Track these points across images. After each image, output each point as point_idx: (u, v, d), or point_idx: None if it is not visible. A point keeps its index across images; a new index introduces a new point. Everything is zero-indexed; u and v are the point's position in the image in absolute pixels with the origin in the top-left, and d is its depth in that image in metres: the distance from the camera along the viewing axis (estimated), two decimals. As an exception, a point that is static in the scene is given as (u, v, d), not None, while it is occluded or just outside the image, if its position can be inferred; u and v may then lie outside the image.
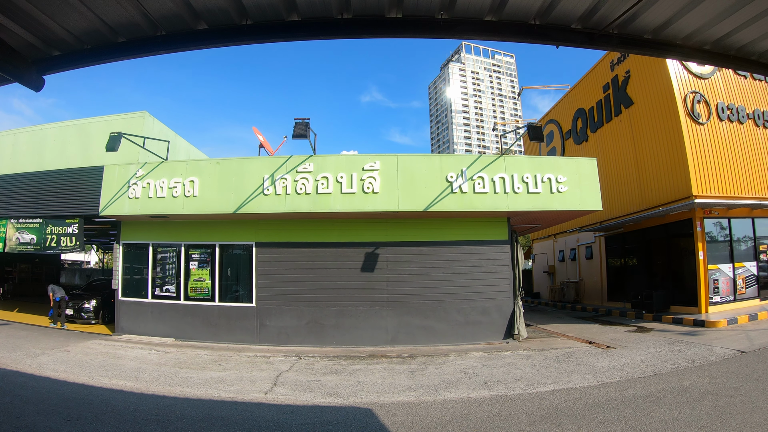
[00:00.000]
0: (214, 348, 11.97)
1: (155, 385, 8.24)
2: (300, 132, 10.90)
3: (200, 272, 13.39)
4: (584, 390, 7.46)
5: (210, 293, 13.18)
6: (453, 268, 12.65)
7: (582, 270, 24.00)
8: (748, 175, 17.15)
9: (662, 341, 11.49)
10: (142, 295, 13.75)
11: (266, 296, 12.76)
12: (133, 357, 10.64)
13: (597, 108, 22.41)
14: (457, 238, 12.83)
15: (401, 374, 9.03)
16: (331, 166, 11.98)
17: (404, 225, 12.89)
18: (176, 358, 10.70)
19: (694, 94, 16.98)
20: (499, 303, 12.65)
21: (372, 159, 11.99)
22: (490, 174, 12.02)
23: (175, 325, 13.22)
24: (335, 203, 11.74)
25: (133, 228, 14.08)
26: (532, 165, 12.25)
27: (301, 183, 11.91)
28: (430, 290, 12.53)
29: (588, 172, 12.50)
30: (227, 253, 13.42)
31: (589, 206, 12.30)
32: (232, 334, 12.77)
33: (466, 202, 11.83)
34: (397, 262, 12.62)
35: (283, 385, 8.27)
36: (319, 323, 12.44)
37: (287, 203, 11.88)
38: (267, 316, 12.67)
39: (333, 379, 8.76)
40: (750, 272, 16.70)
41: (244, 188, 12.18)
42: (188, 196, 12.39)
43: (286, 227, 13.02)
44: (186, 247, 13.59)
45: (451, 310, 12.49)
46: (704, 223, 15.89)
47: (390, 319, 12.39)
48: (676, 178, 16.59)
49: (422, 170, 11.99)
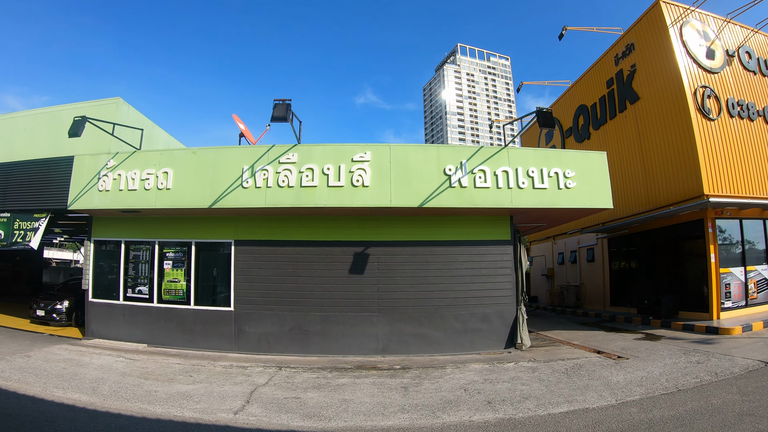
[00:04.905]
0: (188, 356, 10.96)
1: (113, 400, 7.25)
2: (280, 114, 9.86)
3: (175, 272, 12.34)
4: (603, 411, 6.47)
5: (185, 296, 12.13)
6: (450, 270, 11.60)
7: (583, 273, 23.11)
8: (760, 175, 16.44)
9: (677, 350, 10.63)
10: (114, 297, 12.70)
11: (245, 299, 11.70)
12: (97, 365, 9.65)
13: (600, 104, 21.55)
14: (455, 237, 11.79)
15: (393, 390, 7.99)
16: (317, 157, 10.91)
17: (397, 222, 11.83)
18: (144, 367, 9.69)
19: (704, 89, 16.17)
20: (500, 309, 11.61)
21: (362, 149, 10.90)
22: (492, 167, 10.98)
23: (148, 329, 12.17)
24: (321, 197, 10.66)
25: (105, 224, 13.02)
26: (537, 158, 11.23)
27: (284, 175, 10.84)
28: (425, 294, 11.46)
29: (597, 167, 11.51)
30: (204, 252, 12.35)
31: (599, 204, 11.30)
32: (209, 340, 11.71)
33: (466, 198, 10.78)
34: (389, 264, 11.55)
35: (257, 404, 7.24)
36: (303, 330, 11.36)
37: (268, 197, 10.80)
38: (246, 322, 11.61)
39: (315, 396, 7.71)
40: (762, 276, 15.91)
41: (221, 180, 11.12)
42: (161, 189, 11.34)
43: (268, 224, 11.96)
44: (160, 245, 12.55)
45: (449, 316, 11.43)
46: (716, 224, 15.00)
47: (381, 326, 11.32)
48: (686, 176, 15.71)
49: (417, 162, 10.93)
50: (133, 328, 12.29)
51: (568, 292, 22.94)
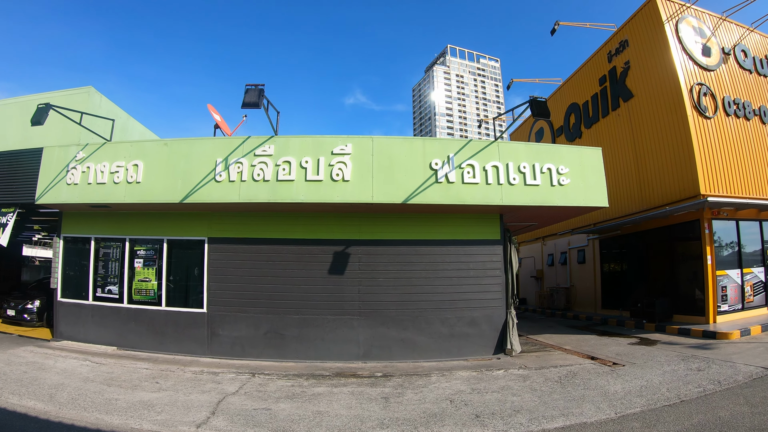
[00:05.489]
0: (158, 360, 10.26)
1: (69, 408, 6.64)
2: (251, 100, 9.15)
3: (146, 271, 11.62)
4: (603, 426, 5.88)
5: (156, 296, 11.42)
6: (436, 271, 10.93)
7: (573, 275, 22.57)
8: (756, 175, 16.08)
9: (674, 356, 10.10)
10: (83, 297, 11.97)
11: (219, 301, 10.97)
12: (60, 369, 9.00)
13: (592, 102, 21.07)
14: (441, 236, 11.12)
15: (372, 401, 7.33)
16: (294, 149, 10.22)
17: (380, 220, 11.15)
18: (109, 372, 9.00)
19: (700, 86, 15.75)
20: (489, 312, 10.96)
21: (343, 141, 10.21)
22: (482, 162, 10.33)
23: (118, 331, 11.44)
24: (298, 192, 9.96)
25: (75, 219, 12.29)
26: (529, 153, 10.61)
27: (259, 168, 10.14)
28: (409, 297, 10.78)
29: (592, 163, 10.93)
30: (176, 250, 11.61)
31: (594, 202, 10.71)
32: (181, 344, 10.99)
33: (453, 194, 10.11)
34: (371, 264, 10.86)
35: (223, 416, 6.57)
36: (279, 334, 10.66)
37: (242, 192, 10.10)
38: (220, 324, 10.89)
39: (287, 407, 7.03)
40: (758, 279, 15.50)
41: (193, 174, 10.40)
42: (131, 183, 10.63)
43: (243, 221, 11.24)
44: (131, 243, 11.82)
45: (434, 320, 10.76)
46: (712, 225, 14.50)
47: (362, 330, 10.63)
48: (682, 175, 15.24)
49: (402, 155, 10.26)
50: (102, 330, 11.59)
51: (558, 295, 22.39)
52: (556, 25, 21.51)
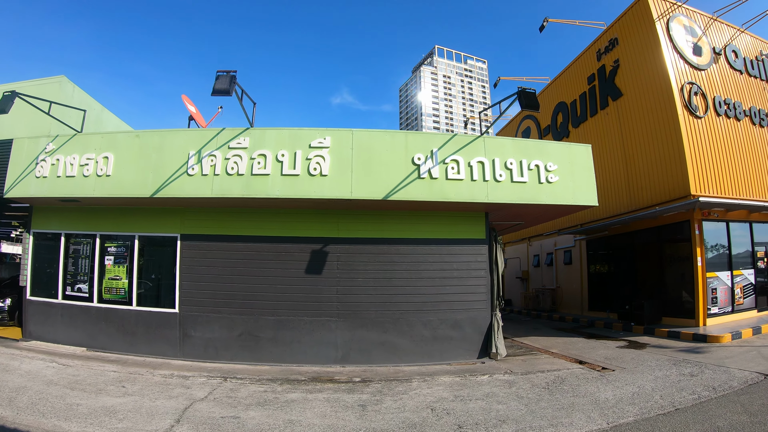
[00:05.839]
0: (127, 362, 9.72)
1: (27, 413, 6.23)
2: (222, 86, 8.64)
3: (117, 269, 11.07)
4: (594, 438, 5.46)
5: (127, 295, 10.87)
6: (419, 272, 10.47)
7: (559, 276, 22.25)
8: (746, 176, 15.86)
9: (665, 361, 9.76)
10: (53, 295, 11.41)
11: (192, 301, 10.45)
12: (25, 371, 8.54)
13: (580, 101, 20.74)
14: (424, 235, 10.67)
15: (349, 410, 6.86)
16: (270, 142, 9.72)
17: (360, 218, 10.67)
18: (75, 374, 8.51)
19: (691, 86, 15.48)
20: (473, 315, 10.52)
21: (321, 134, 9.73)
22: (467, 158, 9.89)
23: (88, 331, 10.89)
24: (273, 187, 9.47)
25: (46, 214, 11.72)
26: (516, 149, 10.19)
27: (234, 161, 9.63)
28: (390, 298, 10.31)
29: (582, 160, 10.56)
30: (148, 247, 11.09)
31: (583, 200, 10.33)
32: (152, 345, 10.46)
33: (436, 191, 9.67)
34: (350, 263, 10.38)
35: (188, 424, 6.11)
36: (254, 336, 10.16)
37: (215, 186, 9.59)
38: (192, 325, 10.36)
39: (257, 415, 6.56)
40: (748, 281, 15.26)
41: (165, 167, 9.89)
42: (101, 176, 10.10)
43: (218, 217, 10.72)
44: (102, 239, 11.25)
45: (416, 322, 10.31)
46: (702, 226, 14.20)
47: (340, 333, 10.14)
48: (672, 175, 14.93)
49: (383, 150, 9.80)
50: (72, 330, 11.05)
51: (543, 296, 22.04)
52: (545, 21, 21.16)
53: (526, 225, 15.25)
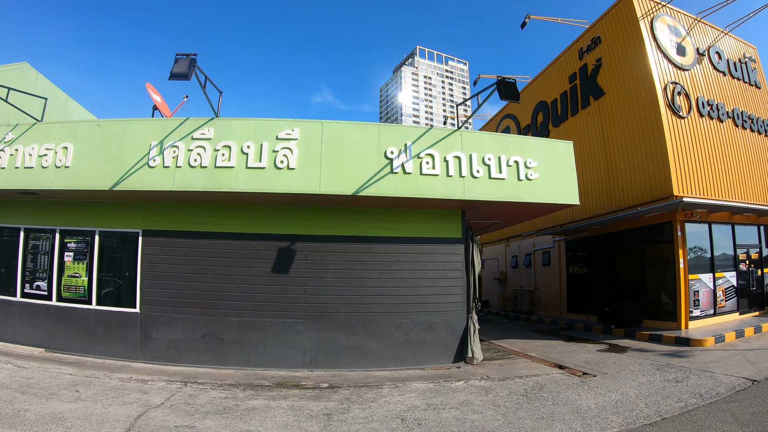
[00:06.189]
0: (85, 365, 9.13)
1: None
2: (180, 70, 8.06)
3: (76, 266, 10.45)
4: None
5: (87, 293, 10.26)
6: (391, 271, 9.98)
7: (538, 277, 21.93)
8: (728, 178, 15.70)
9: (648, 365, 9.41)
10: (11, 293, 10.77)
11: (154, 300, 9.86)
12: None
13: (561, 100, 20.44)
14: (397, 233, 10.19)
15: (312, 419, 6.36)
16: (236, 133, 9.18)
17: (330, 214, 10.17)
18: (28, 377, 7.98)
19: (675, 85, 15.25)
20: (448, 317, 10.07)
21: (289, 125, 9.20)
22: (443, 152, 9.45)
23: (47, 331, 10.28)
24: (238, 180, 8.93)
25: (6, 208, 11.09)
26: (495, 144, 9.78)
27: (197, 153, 9.07)
28: (360, 299, 9.82)
29: (563, 158, 10.19)
30: (109, 243, 10.47)
31: (564, 199, 9.96)
32: (112, 346, 9.87)
33: (410, 186, 9.20)
34: (318, 262, 9.87)
35: (139, 434, 5.57)
36: (218, 337, 9.60)
37: (177, 179, 9.03)
38: (154, 326, 9.78)
39: (213, 425, 6.05)
40: (730, 283, 15.05)
41: (126, 158, 9.31)
42: (60, 167, 9.53)
43: (181, 212, 10.14)
44: (62, 234, 10.64)
45: (388, 325, 9.83)
46: (685, 227, 13.93)
47: (308, 335, 9.62)
48: (654, 176, 14.67)
49: (354, 143, 9.30)
50: (31, 330, 10.44)
51: (522, 297, 21.71)
52: (527, 18, 20.86)
53: (505, 224, 14.87)
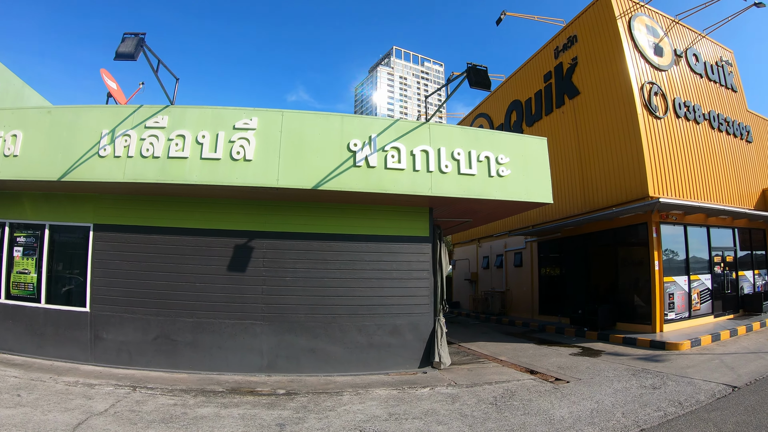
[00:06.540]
0: (32, 367, 8.57)
1: None
2: (127, 50, 7.49)
3: (25, 262, 9.79)
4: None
5: (35, 291, 9.63)
6: (354, 271, 9.52)
7: (509, 279, 21.63)
8: (703, 180, 15.64)
9: (624, 371, 9.11)
10: (-41, 291, 10.02)
11: (105, 299, 9.25)
12: None
13: (536, 99, 20.18)
14: (360, 231, 9.72)
15: (265, 429, 5.89)
16: (191, 122, 8.63)
17: (290, 210, 9.66)
18: None
19: (651, 85, 15.09)
20: (414, 320, 9.64)
21: (247, 114, 8.66)
22: (409, 145, 9.01)
23: (-6, 331, 9.56)
24: (191, 172, 8.37)
25: (-42, 201, 10.31)
26: (465, 138, 9.37)
27: (149, 142, 8.49)
28: (321, 300, 9.33)
29: (536, 154, 9.84)
30: (59, 238, 9.84)
31: (537, 197, 9.60)
32: (61, 347, 9.25)
33: (374, 181, 8.74)
34: (277, 260, 9.35)
35: (75, 445, 5.10)
36: (171, 339, 9.03)
37: (128, 169, 8.43)
38: (104, 327, 9.17)
39: (158, 435, 5.53)
40: (705, 286, 14.92)
41: (76, 147, 8.70)
42: (8, 156, 8.86)
43: (134, 206, 9.55)
44: (11, 228, 9.96)
45: (350, 327, 9.35)
46: (660, 229, 13.72)
47: (266, 338, 9.09)
48: (629, 176, 14.46)
49: (315, 134, 8.80)
50: (-22, 329, 9.69)
51: (493, 299, 21.39)
52: (503, 14, 20.59)
53: (475, 224, 14.51)
